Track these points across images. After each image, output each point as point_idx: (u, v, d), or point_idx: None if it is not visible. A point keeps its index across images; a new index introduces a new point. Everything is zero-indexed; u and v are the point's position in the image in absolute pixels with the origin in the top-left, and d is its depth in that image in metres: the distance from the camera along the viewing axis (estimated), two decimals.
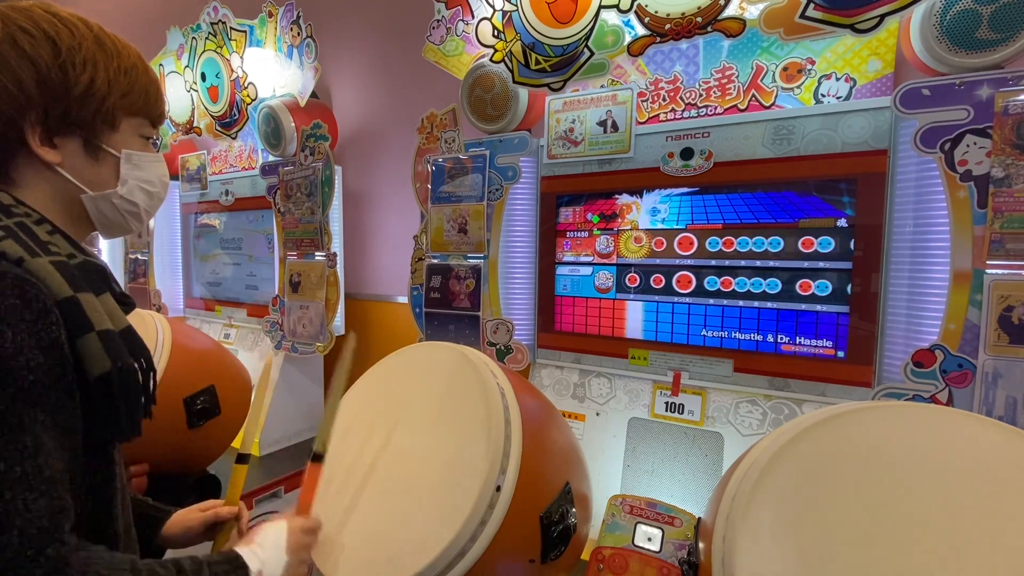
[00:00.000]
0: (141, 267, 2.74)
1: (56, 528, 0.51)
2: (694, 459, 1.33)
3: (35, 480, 0.50)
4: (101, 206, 0.67)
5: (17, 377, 0.50)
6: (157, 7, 3.13)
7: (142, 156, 0.69)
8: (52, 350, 0.53)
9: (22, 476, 0.50)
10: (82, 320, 0.55)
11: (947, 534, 0.63)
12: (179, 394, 1.38)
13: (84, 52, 0.61)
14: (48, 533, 0.50)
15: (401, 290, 2.16)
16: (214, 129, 2.34)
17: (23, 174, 0.62)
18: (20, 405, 0.50)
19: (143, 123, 0.70)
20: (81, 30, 0.62)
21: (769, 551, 0.67)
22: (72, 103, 0.61)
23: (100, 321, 0.57)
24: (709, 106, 1.39)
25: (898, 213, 1.15)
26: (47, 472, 0.52)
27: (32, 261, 0.54)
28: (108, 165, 0.67)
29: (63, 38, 0.60)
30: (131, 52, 0.68)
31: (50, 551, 0.50)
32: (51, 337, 0.53)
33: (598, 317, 1.52)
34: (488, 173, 1.60)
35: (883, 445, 0.71)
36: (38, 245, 0.56)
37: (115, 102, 0.65)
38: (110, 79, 0.64)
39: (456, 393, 0.95)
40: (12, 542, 0.48)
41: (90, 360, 0.55)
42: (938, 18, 1.03)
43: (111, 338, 0.57)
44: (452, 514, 0.80)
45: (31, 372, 0.51)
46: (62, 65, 0.60)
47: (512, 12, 1.46)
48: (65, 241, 0.61)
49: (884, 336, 1.18)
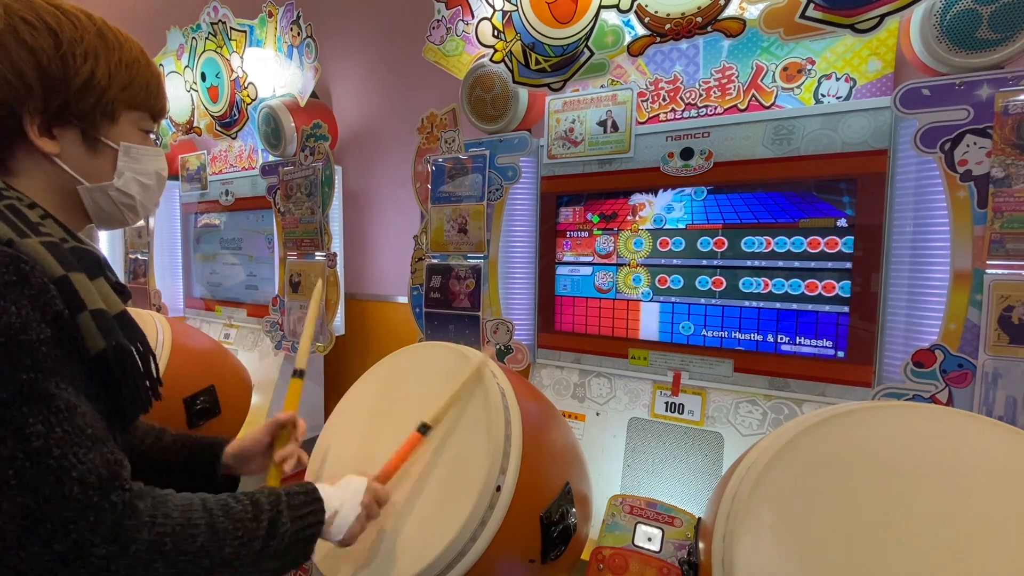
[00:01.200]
0: (141, 267, 2.74)
1: (115, 476, 0.51)
2: (694, 459, 1.33)
3: (79, 437, 0.50)
4: (97, 197, 0.67)
5: (31, 349, 0.50)
6: (157, 7, 3.14)
7: (140, 149, 0.69)
8: (57, 322, 0.52)
9: (65, 436, 0.49)
10: (75, 298, 0.55)
11: (947, 534, 0.63)
12: (179, 394, 1.39)
13: (86, 44, 0.62)
14: (109, 481, 0.51)
15: (401, 290, 2.16)
16: (214, 129, 2.34)
17: (21, 164, 0.62)
18: (41, 375, 0.50)
19: (143, 117, 0.70)
20: (84, 22, 0.63)
21: (769, 551, 0.67)
22: (72, 95, 0.61)
23: (93, 301, 0.56)
24: (709, 106, 1.39)
25: (898, 213, 1.15)
26: (89, 430, 0.51)
27: (22, 242, 0.53)
28: (106, 157, 0.67)
29: (65, 30, 0.60)
30: (133, 46, 0.68)
31: (115, 497, 0.50)
32: (55, 310, 0.52)
33: (598, 317, 1.52)
34: (488, 173, 1.60)
35: (883, 445, 0.71)
36: (28, 227, 0.56)
37: (115, 95, 0.65)
38: (111, 72, 0.64)
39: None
40: (74, 492, 0.48)
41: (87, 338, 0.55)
42: (938, 18, 1.03)
43: (104, 317, 0.57)
44: (452, 514, 0.80)
45: (43, 344, 0.51)
46: (63, 56, 0.60)
47: (512, 12, 1.46)
48: (58, 227, 0.61)
49: (884, 336, 1.18)
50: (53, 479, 0.48)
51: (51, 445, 0.48)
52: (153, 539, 0.52)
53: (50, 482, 0.48)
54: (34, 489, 0.47)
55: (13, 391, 0.48)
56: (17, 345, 0.49)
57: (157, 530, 0.52)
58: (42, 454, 0.48)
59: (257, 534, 0.60)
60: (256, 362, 2.23)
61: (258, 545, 0.60)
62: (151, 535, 0.52)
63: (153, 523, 0.52)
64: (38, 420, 0.48)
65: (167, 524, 0.53)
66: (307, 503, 0.68)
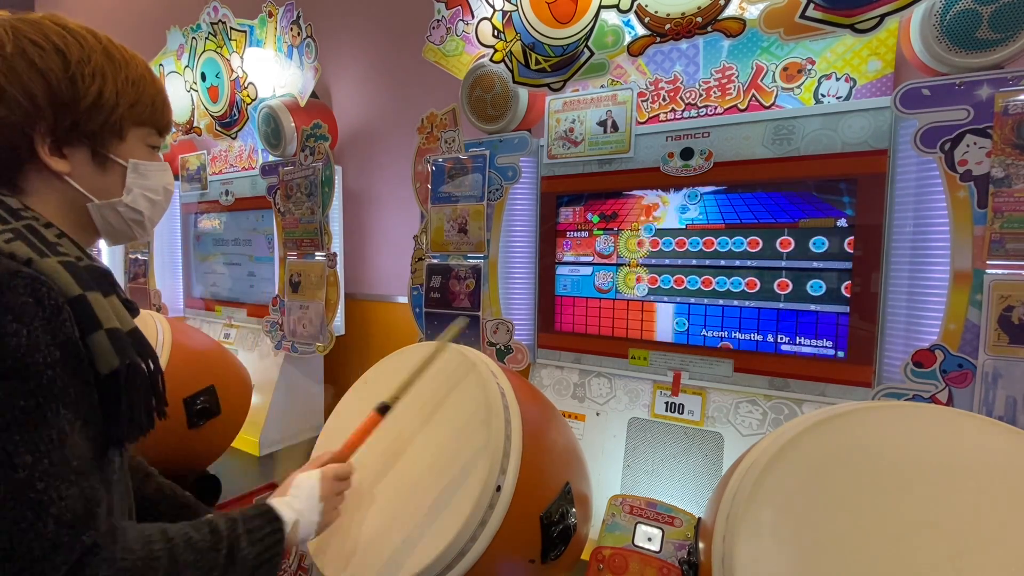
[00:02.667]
0: (141, 267, 2.74)
1: (89, 515, 0.52)
2: (694, 459, 1.33)
3: (64, 471, 0.51)
4: (106, 214, 0.68)
5: (36, 373, 0.51)
6: (157, 7, 3.14)
7: (148, 165, 0.70)
8: (67, 346, 0.53)
9: (51, 468, 0.50)
10: (91, 318, 0.56)
11: (947, 534, 0.63)
12: (179, 394, 1.38)
13: (93, 64, 0.62)
14: (82, 520, 0.52)
15: (401, 290, 2.16)
16: (214, 129, 2.34)
17: (32, 183, 0.63)
18: (41, 400, 0.51)
19: (150, 133, 0.71)
20: (90, 42, 0.63)
21: (769, 551, 0.67)
22: (81, 114, 0.62)
23: (108, 319, 0.57)
24: (709, 106, 1.39)
25: (898, 213, 1.15)
26: (75, 463, 0.52)
27: (41, 261, 0.54)
28: (115, 174, 0.68)
29: (72, 50, 0.61)
30: (139, 63, 0.69)
31: (85, 537, 0.51)
32: (65, 334, 0.53)
33: (598, 317, 1.52)
34: (488, 173, 1.60)
35: (883, 445, 0.71)
36: (46, 246, 0.57)
37: (123, 113, 0.66)
38: (118, 90, 0.65)
39: (456, 393, 0.95)
40: (48, 528, 0.49)
41: (100, 357, 0.56)
42: (938, 18, 1.03)
43: (119, 336, 0.58)
44: (452, 514, 0.80)
45: (49, 368, 0.51)
46: (71, 77, 0.61)
47: (512, 12, 1.46)
48: (73, 245, 0.62)
49: (884, 336, 1.18)
50: (31, 514, 0.49)
51: (35, 478, 0.49)
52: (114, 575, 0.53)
53: (28, 517, 0.49)
54: (12, 521, 0.48)
55: (8, 418, 0.49)
56: (23, 368, 0.50)
57: (118, 566, 0.53)
58: (25, 487, 0.49)
59: (217, 562, 0.61)
60: (256, 362, 2.23)
61: (218, 573, 0.61)
62: (112, 571, 0.53)
63: (114, 559, 0.53)
64: (27, 450, 0.49)
65: (128, 559, 0.54)
66: (264, 525, 0.68)
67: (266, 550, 0.67)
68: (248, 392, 1.68)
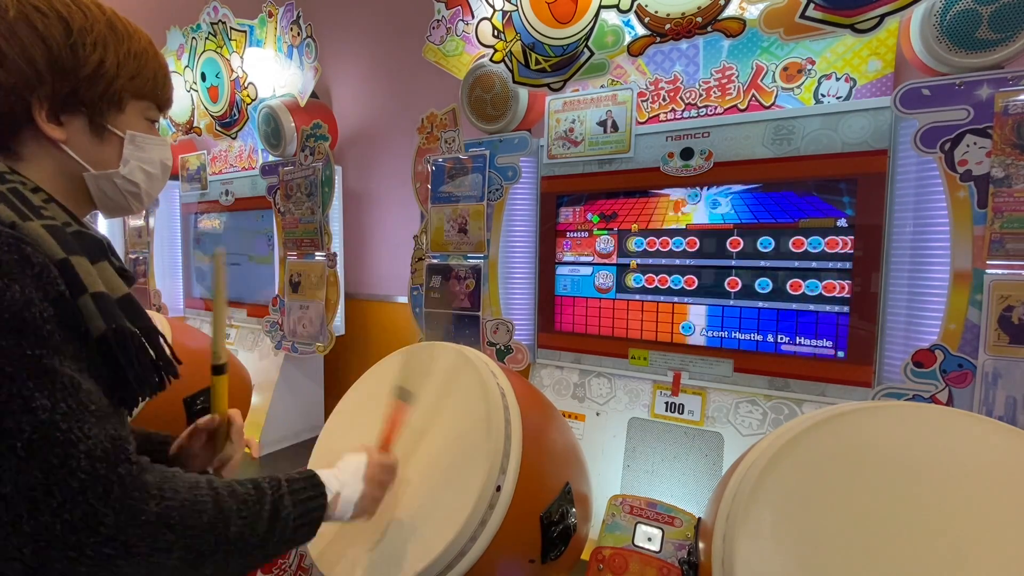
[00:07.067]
0: (141, 267, 2.74)
1: (120, 450, 0.52)
2: (694, 459, 1.33)
3: (83, 413, 0.51)
4: (102, 185, 0.68)
5: (34, 326, 0.50)
6: (157, 7, 3.14)
7: (145, 138, 0.70)
8: (60, 302, 0.53)
9: (70, 411, 0.50)
10: (76, 282, 0.55)
11: (947, 533, 0.63)
12: (179, 394, 1.38)
13: (95, 34, 0.63)
14: (115, 454, 0.51)
15: (401, 290, 2.16)
16: (214, 129, 2.34)
17: (28, 148, 0.63)
18: (46, 351, 0.50)
19: (150, 106, 0.71)
20: (94, 12, 0.64)
21: (769, 551, 0.67)
22: (80, 83, 0.62)
23: (93, 284, 0.56)
24: (709, 106, 1.39)
25: (898, 213, 1.15)
26: (92, 407, 0.52)
27: (24, 224, 0.54)
28: (112, 145, 0.68)
29: (75, 19, 0.61)
30: (142, 36, 0.69)
31: (121, 469, 0.51)
32: (57, 290, 0.53)
33: (598, 317, 1.52)
34: (488, 173, 1.60)
35: (883, 445, 0.71)
36: (31, 210, 0.57)
37: (123, 84, 0.66)
38: (119, 61, 0.65)
39: (456, 393, 0.95)
40: (81, 464, 0.48)
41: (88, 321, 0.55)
42: (938, 18, 1.03)
43: (105, 300, 0.57)
44: (452, 514, 0.80)
45: (46, 323, 0.51)
46: (73, 45, 0.61)
47: (512, 12, 1.46)
48: (61, 211, 0.62)
49: (884, 336, 1.18)
50: (61, 451, 0.48)
51: (57, 419, 0.49)
52: (161, 511, 0.52)
53: (58, 454, 0.48)
54: (42, 461, 0.48)
55: (18, 365, 0.48)
56: (21, 321, 0.49)
57: (165, 503, 0.52)
58: (48, 427, 0.48)
59: (261, 516, 0.61)
60: (256, 362, 2.23)
61: (263, 527, 0.61)
62: (159, 507, 0.52)
63: (161, 496, 0.53)
64: (43, 395, 0.49)
65: (175, 498, 0.53)
66: (308, 487, 0.68)
67: (307, 513, 0.66)
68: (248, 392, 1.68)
